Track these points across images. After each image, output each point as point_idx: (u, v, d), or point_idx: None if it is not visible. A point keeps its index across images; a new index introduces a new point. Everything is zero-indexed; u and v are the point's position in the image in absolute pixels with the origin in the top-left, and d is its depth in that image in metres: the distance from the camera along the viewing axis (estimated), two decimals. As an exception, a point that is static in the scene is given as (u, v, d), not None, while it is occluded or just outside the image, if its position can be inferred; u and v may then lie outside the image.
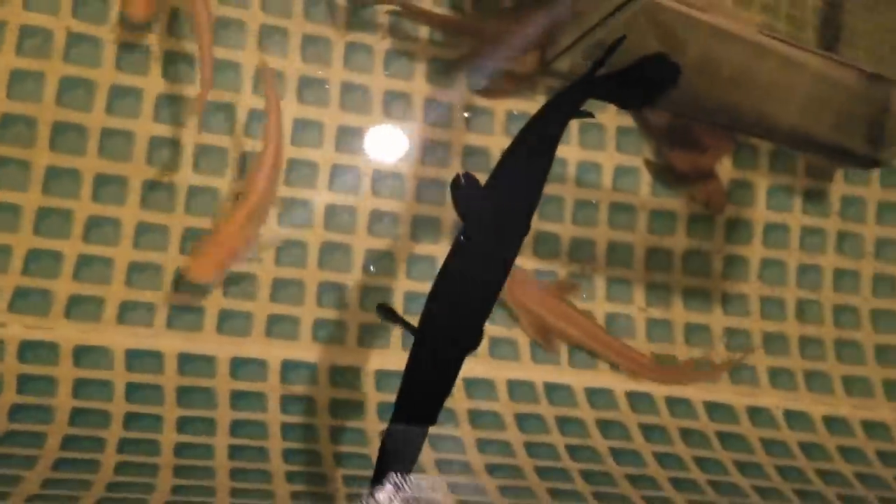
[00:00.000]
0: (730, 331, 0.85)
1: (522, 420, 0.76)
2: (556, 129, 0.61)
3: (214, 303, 0.75)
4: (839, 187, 0.89)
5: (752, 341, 0.85)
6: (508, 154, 0.61)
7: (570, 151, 0.85)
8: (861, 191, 0.89)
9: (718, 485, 0.74)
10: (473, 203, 0.59)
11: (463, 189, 0.60)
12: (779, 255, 0.88)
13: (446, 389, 0.58)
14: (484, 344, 0.72)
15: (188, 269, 0.69)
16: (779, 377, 0.84)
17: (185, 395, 0.70)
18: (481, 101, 0.83)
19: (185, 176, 0.76)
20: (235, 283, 0.76)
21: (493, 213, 0.59)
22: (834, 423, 0.83)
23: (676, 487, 0.72)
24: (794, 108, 0.78)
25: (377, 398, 0.75)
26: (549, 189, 0.84)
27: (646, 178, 0.86)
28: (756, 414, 0.82)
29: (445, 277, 0.58)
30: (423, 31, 0.83)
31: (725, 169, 0.87)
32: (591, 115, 0.63)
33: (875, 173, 0.89)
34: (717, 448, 0.78)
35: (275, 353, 0.75)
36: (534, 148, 0.61)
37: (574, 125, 0.85)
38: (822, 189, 0.89)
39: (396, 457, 0.56)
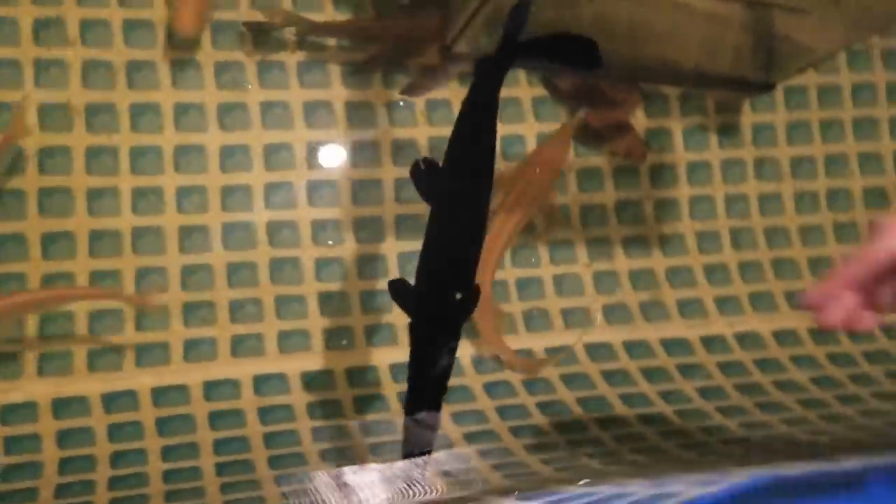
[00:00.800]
0: (672, 270, 0.89)
1: (490, 388, 0.79)
2: (490, 98, 0.65)
3: (177, 335, 0.77)
4: (748, 117, 0.93)
5: (694, 276, 0.90)
6: (455, 133, 0.65)
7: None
8: (769, 117, 0.94)
9: (684, 413, 0.78)
10: (435, 184, 0.63)
11: (423, 172, 0.64)
12: (705, 191, 0.92)
13: (451, 360, 0.62)
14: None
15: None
16: (725, 304, 0.89)
17: (164, 425, 0.72)
18: (400, 96, 0.86)
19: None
20: (195, 311, 0.78)
21: (456, 188, 0.63)
22: (783, 337, 0.88)
23: (644, 423, 0.76)
24: (691, 50, 0.82)
25: (351, 394, 0.78)
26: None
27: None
28: (709, 342, 0.86)
29: (426, 259, 0.62)
30: (331, 40, 0.86)
31: (639, 120, 0.91)
32: None
33: (780, 98, 0.94)
34: (679, 380, 0.82)
35: (244, 370, 0.77)
36: (476, 122, 0.65)
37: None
38: (733, 122, 0.93)
39: (418, 438, 0.59)
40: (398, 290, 0.63)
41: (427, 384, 0.62)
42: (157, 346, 0.76)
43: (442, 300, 0.61)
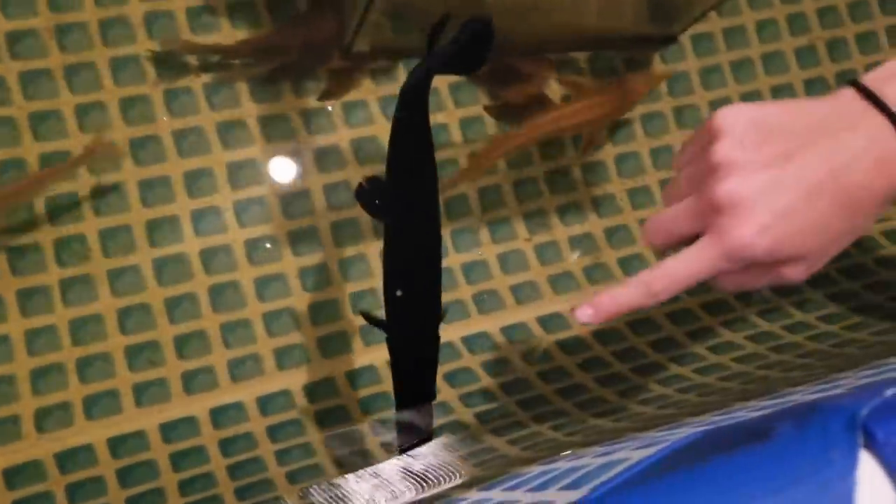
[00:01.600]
0: (609, 230, 0.90)
1: (451, 377, 0.80)
2: (419, 112, 0.65)
3: (125, 381, 0.76)
4: (659, 70, 0.94)
5: (631, 233, 0.90)
6: (391, 150, 0.64)
7: (413, 121, 0.88)
8: (681, 66, 0.95)
9: (640, 368, 0.79)
10: (382, 200, 0.64)
11: (368, 191, 0.64)
12: (630, 148, 0.93)
13: (433, 363, 0.64)
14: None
15: None
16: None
17: (126, 475, 0.71)
18: (314, 103, 0.86)
19: (53, 272, 0.76)
20: (139, 353, 0.77)
21: (403, 201, 0.63)
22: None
23: (603, 385, 0.77)
24: (591, 14, 0.83)
25: (312, 410, 0.77)
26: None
27: (489, 121, 0.90)
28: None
29: (388, 271, 0.63)
30: (235, 59, 0.85)
31: (554, 89, 0.91)
32: None
33: (688, 47, 0.95)
34: (631, 337, 0.83)
35: (199, 405, 0.76)
36: (410, 136, 0.64)
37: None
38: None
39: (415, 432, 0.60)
40: (370, 317, 0.65)
41: (414, 377, 0.63)
42: (105, 396, 0.75)
43: (414, 317, 0.62)
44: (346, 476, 0.64)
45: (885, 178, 0.44)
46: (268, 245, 0.82)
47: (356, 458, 0.71)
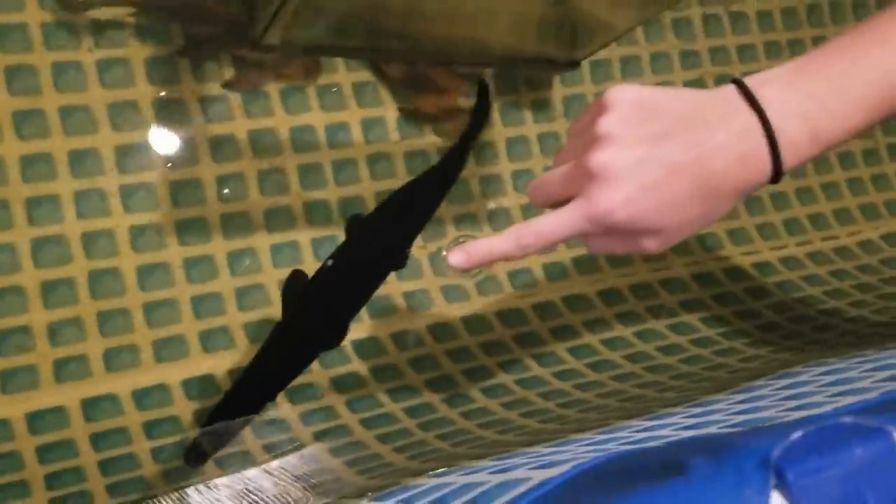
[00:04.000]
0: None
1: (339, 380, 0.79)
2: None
3: (-11, 366, 0.71)
4: (558, 91, 0.97)
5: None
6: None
7: (315, 118, 0.87)
8: (579, 89, 0.98)
9: (522, 381, 0.81)
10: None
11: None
12: (525, 165, 0.95)
13: (282, 383, 0.63)
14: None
15: None
16: (552, 270, 0.93)
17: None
18: (213, 90, 0.83)
19: None
20: (8, 337, 0.72)
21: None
22: (605, 295, 0.93)
23: (487, 396, 0.78)
24: (499, 31, 0.85)
25: (191, 408, 0.75)
26: (307, 157, 0.86)
27: (391, 124, 0.90)
28: (539, 308, 0.90)
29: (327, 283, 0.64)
30: (130, 35, 0.81)
31: (460, 102, 0.92)
32: None
33: (586, 72, 0.98)
34: (516, 349, 0.85)
35: (69, 395, 0.72)
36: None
37: (313, 93, 0.87)
38: (544, 97, 0.97)
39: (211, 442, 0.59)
40: (293, 285, 0.63)
41: (260, 388, 0.62)
42: (-33, 383, 0.70)
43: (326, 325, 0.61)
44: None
45: (746, 172, 0.48)
46: (152, 234, 0.79)
47: (233, 460, 0.69)
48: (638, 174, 0.47)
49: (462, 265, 0.51)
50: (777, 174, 0.48)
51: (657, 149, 0.47)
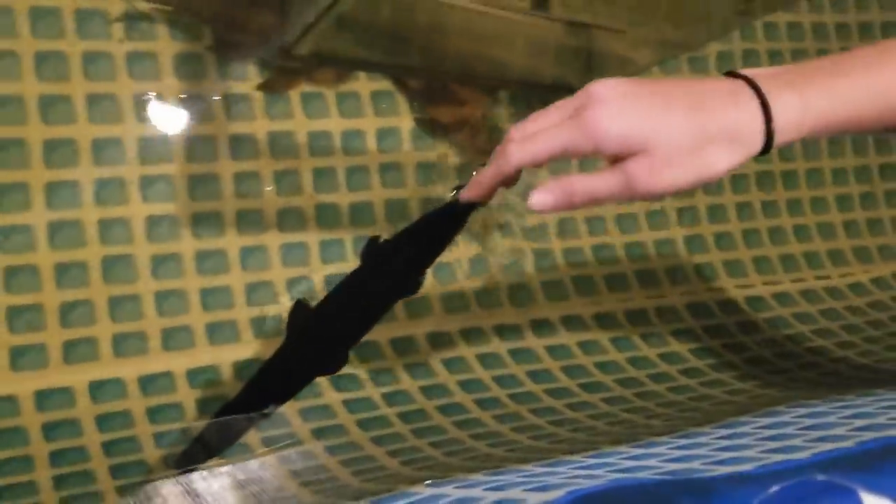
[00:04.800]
0: (513, 251, 0.95)
1: (336, 381, 0.82)
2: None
3: (2, 342, 0.73)
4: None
5: (526, 263, 0.95)
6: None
7: (332, 124, 0.89)
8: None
9: (515, 396, 0.84)
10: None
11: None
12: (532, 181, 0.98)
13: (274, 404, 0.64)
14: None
15: None
16: (552, 289, 0.95)
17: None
18: (237, 89, 0.85)
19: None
20: (21, 315, 0.75)
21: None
22: (601, 320, 0.95)
23: (482, 408, 0.81)
24: (519, 56, 0.87)
25: (193, 396, 0.77)
26: (322, 161, 0.88)
27: (405, 135, 0.92)
28: (538, 326, 0.92)
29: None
30: (161, 31, 0.83)
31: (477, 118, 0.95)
32: None
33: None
34: (511, 364, 0.88)
35: (77, 376, 0.75)
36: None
37: (332, 99, 0.89)
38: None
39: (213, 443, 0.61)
40: (296, 314, 0.65)
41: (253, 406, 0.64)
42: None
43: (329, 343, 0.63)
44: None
45: (737, 112, 0.48)
46: (167, 225, 0.81)
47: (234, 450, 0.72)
48: (628, 95, 0.47)
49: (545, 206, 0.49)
50: (769, 132, 0.48)
51: (647, 85, 0.48)
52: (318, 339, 0.63)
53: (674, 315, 0.97)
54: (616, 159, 0.48)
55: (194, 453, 0.66)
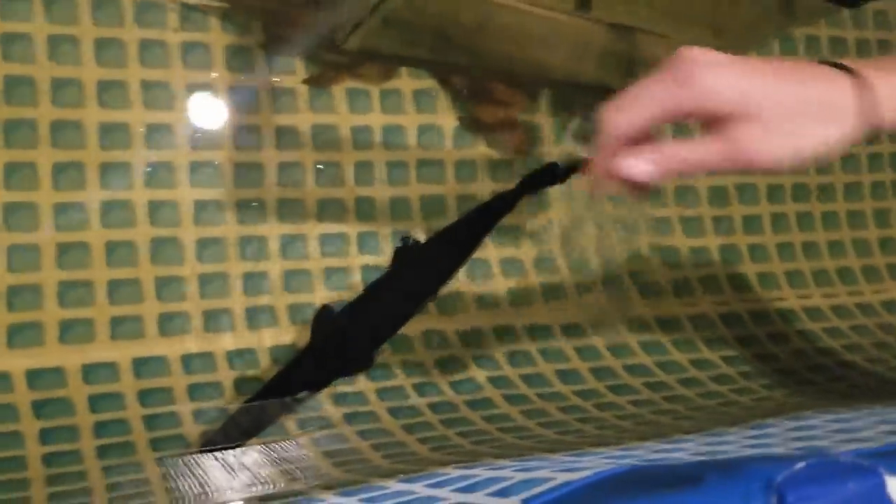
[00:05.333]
0: (538, 260, 0.96)
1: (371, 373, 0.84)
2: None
3: (52, 316, 0.76)
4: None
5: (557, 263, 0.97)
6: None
7: (374, 119, 0.91)
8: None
9: (543, 395, 0.85)
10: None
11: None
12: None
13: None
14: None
15: None
16: (584, 291, 0.96)
17: (40, 408, 0.72)
18: (283, 83, 0.88)
19: None
20: (71, 290, 0.77)
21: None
22: (633, 325, 0.96)
23: (510, 403, 0.82)
24: (563, 60, 0.89)
25: (232, 376, 0.80)
26: (363, 155, 0.90)
27: (446, 133, 0.94)
28: (568, 329, 0.94)
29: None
30: (214, 23, 0.86)
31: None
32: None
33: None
34: (541, 364, 0.89)
35: (123, 352, 0.77)
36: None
37: (375, 95, 0.91)
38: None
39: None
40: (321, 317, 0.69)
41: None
42: (29, 327, 0.75)
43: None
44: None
45: (833, 90, 0.46)
46: (213, 209, 0.84)
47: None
48: (733, 59, 0.45)
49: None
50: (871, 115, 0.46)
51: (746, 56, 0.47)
52: (341, 345, 0.66)
53: (707, 323, 0.98)
54: (712, 128, 0.45)
55: (232, 432, 0.68)
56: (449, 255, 0.72)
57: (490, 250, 0.94)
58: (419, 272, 0.68)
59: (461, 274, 0.90)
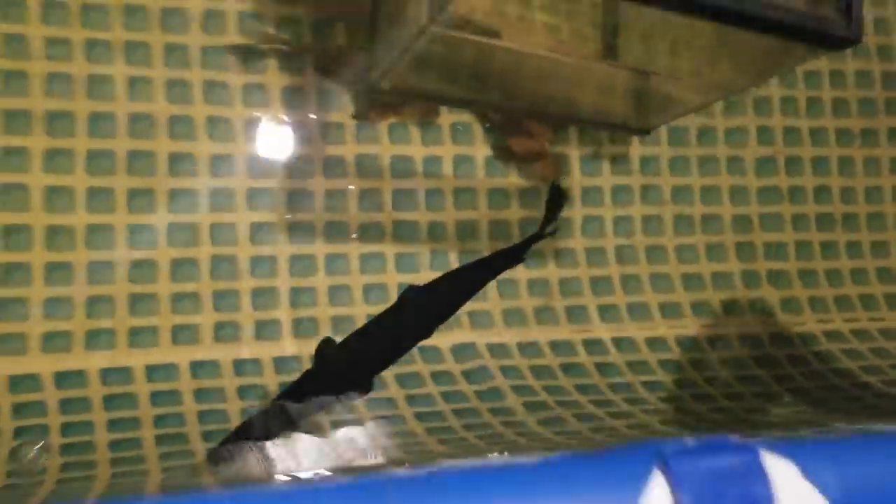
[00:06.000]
0: (563, 280, 1.03)
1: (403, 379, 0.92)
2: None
3: (123, 323, 0.87)
4: (637, 150, 1.07)
5: (582, 286, 1.03)
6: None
7: (414, 150, 1.00)
8: (655, 150, 1.08)
9: (563, 403, 0.91)
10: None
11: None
12: (597, 212, 1.06)
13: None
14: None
15: None
16: (606, 312, 1.03)
17: (110, 401, 0.83)
18: (332, 119, 0.97)
19: None
20: (139, 301, 0.88)
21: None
22: (653, 343, 1.02)
23: (528, 410, 0.89)
24: (590, 98, 0.96)
25: (276, 381, 0.89)
26: (402, 183, 0.99)
27: (480, 163, 1.02)
28: (590, 345, 1.00)
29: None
30: (272, 63, 0.96)
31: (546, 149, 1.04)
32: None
33: (664, 135, 1.08)
34: (561, 377, 0.96)
35: (181, 356, 0.87)
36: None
37: (415, 128, 1.00)
38: (623, 153, 1.07)
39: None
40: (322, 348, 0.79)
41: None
42: (105, 333, 0.86)
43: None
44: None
45: None
46: (267, 231, 0.94)
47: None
48: None
49: None
50: None
51: None
52: (341, 370, 0.75)
53: (726, 344, 1.03)
54: None
55: (268, 427, 0.77)
56: (450, 299, 0.80)
57: (521, 271, 1.01)
58: (419, 312, 0.76)
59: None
